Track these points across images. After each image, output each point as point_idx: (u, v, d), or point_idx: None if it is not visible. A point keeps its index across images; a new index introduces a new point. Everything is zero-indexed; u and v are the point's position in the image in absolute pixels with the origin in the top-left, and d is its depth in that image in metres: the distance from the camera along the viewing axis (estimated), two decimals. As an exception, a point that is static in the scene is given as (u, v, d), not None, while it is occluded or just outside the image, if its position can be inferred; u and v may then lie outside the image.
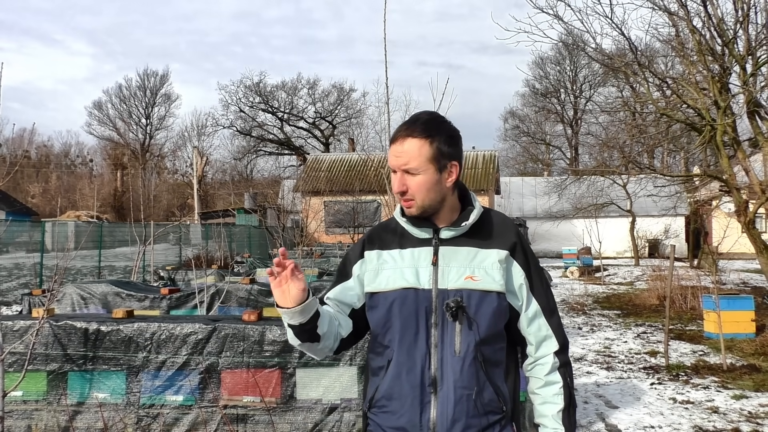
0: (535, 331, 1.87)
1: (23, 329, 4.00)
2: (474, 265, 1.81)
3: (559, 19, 10.20)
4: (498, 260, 1.82)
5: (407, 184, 1.81)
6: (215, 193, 46.42)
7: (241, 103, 50.79)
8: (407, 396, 1.79)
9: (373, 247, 1.91)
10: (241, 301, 6.30)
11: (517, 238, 1.89)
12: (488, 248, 1.84)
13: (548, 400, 1.86)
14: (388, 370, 1.82)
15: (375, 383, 1.87)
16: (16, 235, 17.11)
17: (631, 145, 14.96)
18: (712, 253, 13.94)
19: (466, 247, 1.83)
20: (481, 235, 1.86)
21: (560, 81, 52.30)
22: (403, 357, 1.80)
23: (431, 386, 1.77)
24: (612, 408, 6.02)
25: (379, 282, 1.85)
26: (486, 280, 1.80)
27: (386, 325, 1.83)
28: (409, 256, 1.85)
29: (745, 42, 10.22)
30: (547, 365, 1.86)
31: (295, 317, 1.77)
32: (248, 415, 3.87)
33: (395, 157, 1.81)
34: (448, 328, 1.78)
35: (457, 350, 1.77)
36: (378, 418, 1.85)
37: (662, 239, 32.31)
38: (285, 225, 18.29)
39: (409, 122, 1.84)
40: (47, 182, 50.80)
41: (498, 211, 1.97)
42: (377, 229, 1.98)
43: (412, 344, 1.80)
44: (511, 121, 54.53)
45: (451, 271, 1.81)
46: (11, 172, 6.18)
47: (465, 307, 1.77)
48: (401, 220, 1.89)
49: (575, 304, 13.93)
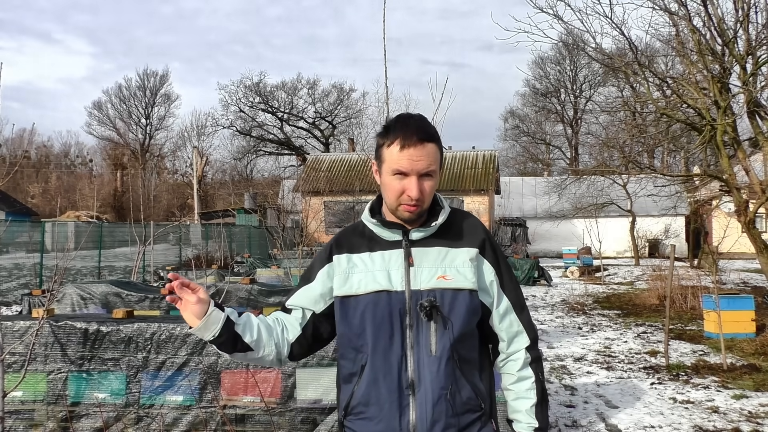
0: (507, 327, 1.87)
1: (23, 329, 4.00)
2: (445, 265, 1.81)
3: (559, 19, 10.20)
4: (469, 258, 1.82)
5: (423, 189, 1.79)
6: (215, 193, 46.43)
7: (241, 103, 50.87)
8: (385, 401, 1.77)
9: (341, 251, 1.89)
10: (241, 301, 6.31)
11: (485, 235, 1.89)
12: (458, 247, 1.84)
13: (521, 395, 1.86)
14: (363, 376, 1.80)
15: (348, 390, 1.85)
16: (16, 236, 17.10)
17: (631, 145, 14.97)
18: (713, 253, 13.93)
19: (436, 247, 1.83)
20: (450, 234, 1.86)
21: (560, 81, 52.35)
22: (379, 361, 1.78)
23: (409, 389, 1.76)
24: (612, 408, 6.02)
25: (350, 286, 1.83)
26: (458, 278, 1.79)
27: (358, 329, 1.80)
28: (379, 259, 1.83)
29: (745, 42, 10.22)
30: (519, 361, 1.87)
31: (202, 333, 1.75)
32: (248, 415, 3.86)
33: (414, 161, 1.77)
34: (423, 328, 1.77)
35: (433, 350, 1.76)
36: (355, 425, 1.83)
37: (662, 239, 32.33)
38: (285, 225, 18.27)
39: (421, 125, 1.81)
40: (47, 182, 50.79)
41: (465, 210, 1.98)
42: (345, 233, 1.95)
43: (387, 347, 1.78)
44: (511, 120, 54.60)
45: (423, 271, 1.80)
46: (11, 172, 6.17)
47: (439, 306, 1.76)
48: (370, 222, 1.88)
49: (575, 304, 13.93)
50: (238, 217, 31.58)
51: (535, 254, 28.94)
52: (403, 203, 1.80)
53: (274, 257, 15.08)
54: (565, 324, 11.17)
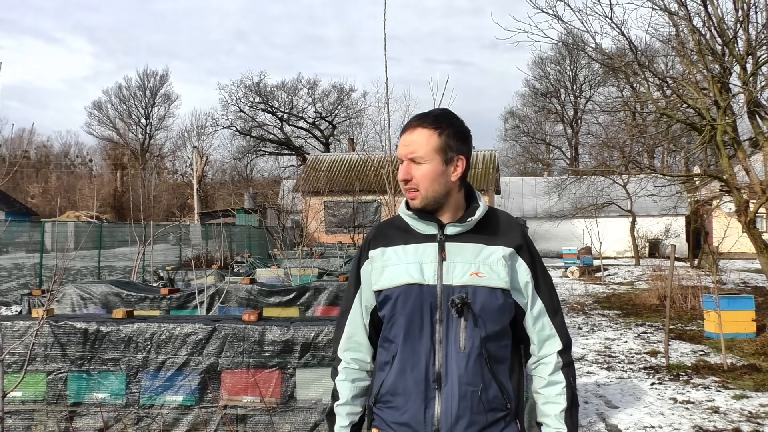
0: (539, 330, 1.88)
1: (23, 329, 3.99)
2: (479, 261, 1.81)
3: (558, 19, 10.20)
4: (503, 256, 1.82)
5: (412, 173, 1.83)
6: (215, 193, 46.45)
7: (241, 103, 50.86)
8: (411, 392, 1.79)
9: (377, 245, 1.92)
10: (241, 301, 6.29)
11: (523, 239, 1.89)
12: (493, 245, 1.84)
13: (551, 399, 1.86)
14: (393, 366, 1.83)
15: (380, 378, 1.87)
16: (16, 236, 17.10)
17: (631, 145, 14.97)
18: (713, 253, 13.94)
19: (471, 243, 1.83)
20: (486, 231, 1.86)
21: (560, 81, 52.34)
22: (408, 353, 1.80)
23: (435, 382, 1.77)
24: (612, 408, 6.02)
25: (384, 279, 1.85)
26: (491, 276, 1.79)
27: (391, 320, 1.84)
28: (413, 251, 1.84)
29: (745, 42, 10.21)
30: (550, 365, 1.87)
31: None
32: (248, 416, 3.86)
33: (403, 145, 1.84)
34: (453, 324, 1.78)
35: (462, 346, 1.77)
36: (383, 413, 1.86)
37: (662, 239, 32.33)
38: (285, 225, 18.29)
39: (422, 114, 1.87)
40: (47, 182, 50.79)
41: (503, 211, 1.98)
42: (381, 227, 1.98)
43: (416, 340, 1.80)
44: (511, 120, 54.59)
45: (456, 267, 1.80)
46: (11, 172, 6.18)
47: (470, 303, 1.77)
48: (406, 215, 1.90)
49: (575, 304, 13.93)
50: (238, 217, 31.59)
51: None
52: (404, 189, 1.86)
53: (274, 257, 15.07)
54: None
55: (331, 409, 1.97)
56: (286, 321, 4.12)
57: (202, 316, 5.21)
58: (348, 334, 1.97)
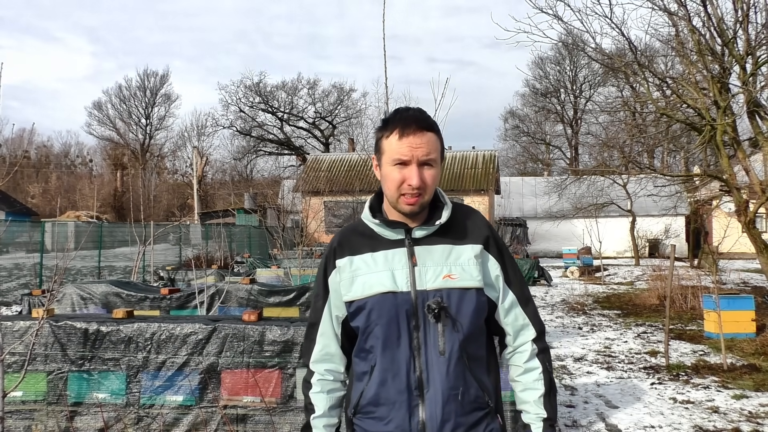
0: (513, 321, 1.87)
1: (23, 329, 4.00)
2: (450, 263, 1.78)
3: (558, 19, 10.20)
4: (474, 255, 1.80)
5: (424, 177, 1.76)
6: (215, 193, 46.47)
7: (241, 103, 50.85)
8: (395, 401, 1.77)
9: (343, 254, 1.86)
10: (241, 301, 6.29)
11: (489, 231, 1.86)
12: (463, 244, 1.81)
13: (529, 386, 1.86)
14: (373, 376, 1.80)
15: (359, 388, 1.84)
16: (16, 236, 17.10)
17: (631, 145, 14.98)
18: (713, 253, 13.95)
19: (440, 245, 1.80)
20: (453, 231, 1.83)
21: (560, 81, 52.34)
22: (387, 362, 1.78)
23: (417, 389, 1.76)
24: (612, 408, 6.02)
25: (355, 289, 1.81)
26: (464, 277, 1.77)
27: (366, 331, 1.80)
28: (382, 259, 1.80)
29: (744, 42, 10.22)
30: (525, 353, 1.86)
31: None
32: (248, 416, 3.86)
33: (414, 147, 1.74)
34: (431, 329, 1.75)
35: (442, 350, 1.75)
36: (364, 423, 1.84)
37: (662, 239, 32.34)
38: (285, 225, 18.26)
39: (420, 114, 1.79)
40: (47, 182, 50.79)
41: (466, 205, 1.93)
42: (345, 233, 1.91)
43: (395, 349, 1.77)
44: (511, 121, 54.60)
45: (428, 271, 1.77)
46: (11, 172, 6.18)
47: (446, 307, 1.75)
48: (372, 222, 1.85)
49: (575, 304, 13.93)
50: (238, 217, 31.60)
51: (535, 254, 28.95)
52: (404, 194, 1.76)
53: (274, 257, 15.08)
54: (565, 324, 11.17)
55: (307, 423, 1.94)
56: (286, 321, 4.13)
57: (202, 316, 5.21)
58: (321, 345, 1.93)
